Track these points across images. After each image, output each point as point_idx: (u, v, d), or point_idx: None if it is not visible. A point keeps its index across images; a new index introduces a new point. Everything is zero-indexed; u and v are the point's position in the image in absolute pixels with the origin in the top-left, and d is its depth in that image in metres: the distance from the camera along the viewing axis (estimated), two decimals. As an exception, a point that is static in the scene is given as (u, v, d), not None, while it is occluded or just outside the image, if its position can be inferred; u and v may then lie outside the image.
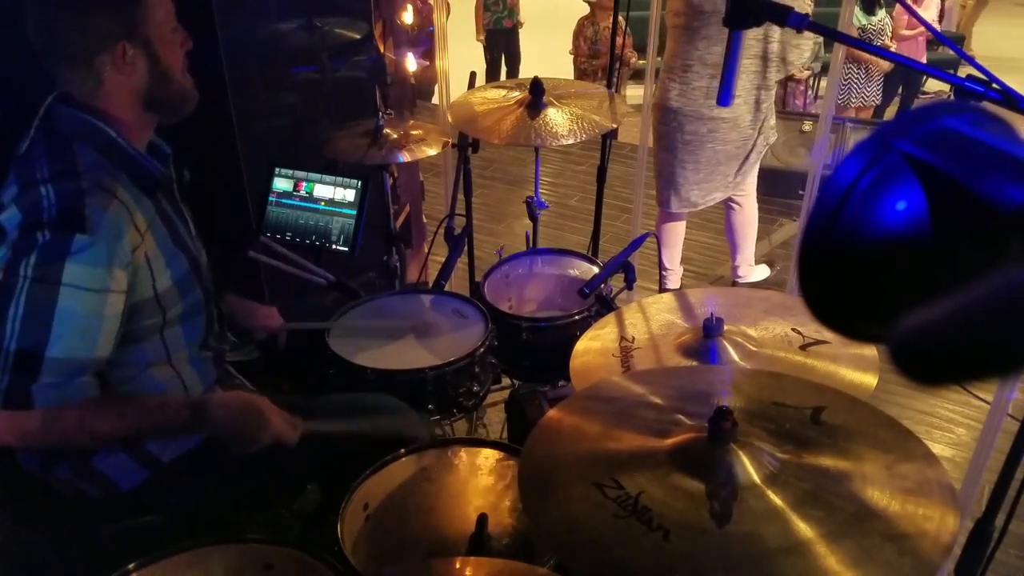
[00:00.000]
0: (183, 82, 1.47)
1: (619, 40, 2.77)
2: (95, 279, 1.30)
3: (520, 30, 7.38)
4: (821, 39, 6.05)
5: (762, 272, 3.99)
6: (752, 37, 3.11)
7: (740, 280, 3.94)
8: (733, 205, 3.63)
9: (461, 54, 6.49)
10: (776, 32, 3.15)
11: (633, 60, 6.44)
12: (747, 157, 3.44)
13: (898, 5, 6.14)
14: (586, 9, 6.36)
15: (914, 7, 6.26)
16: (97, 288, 1.30)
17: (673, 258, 3.81)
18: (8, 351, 1.25)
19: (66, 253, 1.27)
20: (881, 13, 6.11)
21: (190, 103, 1.51)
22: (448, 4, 6.63)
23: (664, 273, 3.85)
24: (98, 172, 1.37)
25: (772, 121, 3.44)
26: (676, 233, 3.75)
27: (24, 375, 1.26)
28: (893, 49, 6.42)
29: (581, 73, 6.45)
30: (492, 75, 7.25)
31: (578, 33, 6.40)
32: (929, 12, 6.44)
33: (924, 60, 6.52)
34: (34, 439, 1.31)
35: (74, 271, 1.27)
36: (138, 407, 1.40)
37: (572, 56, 6.56)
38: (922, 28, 6.33)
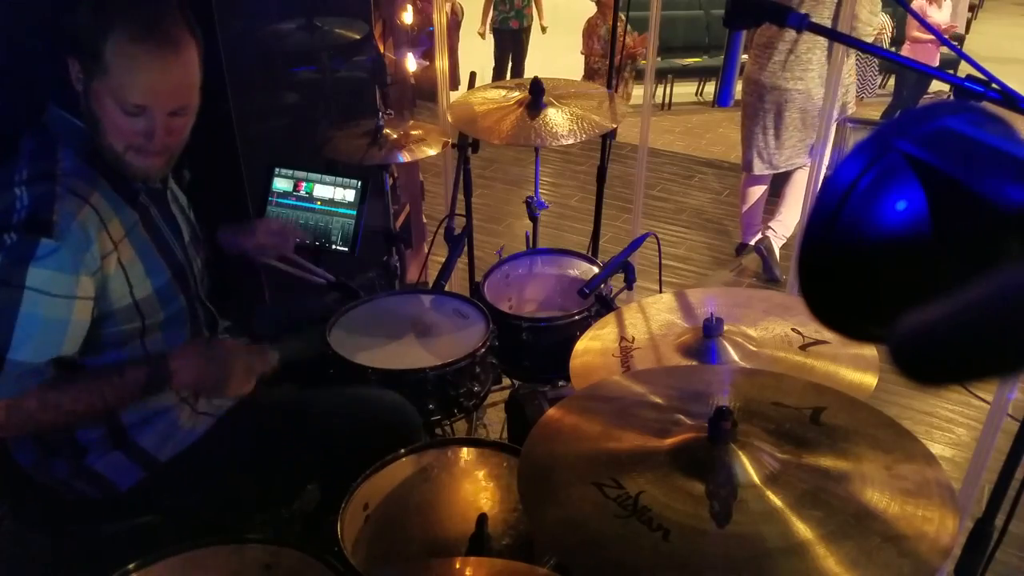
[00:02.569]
0: (119, 152, 1.38)
1: (629, 40, 2.81)
2: (60, 285, 1.30)
3: (544, 32, 7.37)
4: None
5: (779, 234, 4.15)
6: (827, 17, 3.48)
7: (770, 234, 4.10)
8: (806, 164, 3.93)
9: (469, 52, 6.51)
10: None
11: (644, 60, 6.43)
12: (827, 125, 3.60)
13: (912, 4, 6.16)
14: (591, 9, 6.34)
15: (929, 7, 6.27)
16: (62, 294, 1.30)
17: (754, 214, 4.25)
18: None
19: (30, 257, 1.27)
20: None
21: (131, 175, 1.42)
22: (462, 8, 6.64)
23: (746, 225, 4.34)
24: (74, 177, 1.36)
25: (849, 98, 3.84)
26: (755, 194, 4.17)
27: None
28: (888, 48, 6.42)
29: (593, 72, 6.40)
30: (498, 74, 7.26)
31: (590, 33, 6.36)
32: (942, 14, 6.43)
33: (936, 64, 6.53)
34: (3, 429, 1.32)
35: (38, 276, 1.27)
36: (93, 375, 1.39)
37: (584, 56, 6.54)
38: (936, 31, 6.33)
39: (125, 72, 1.32)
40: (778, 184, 4.20)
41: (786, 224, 4.13)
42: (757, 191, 4.18)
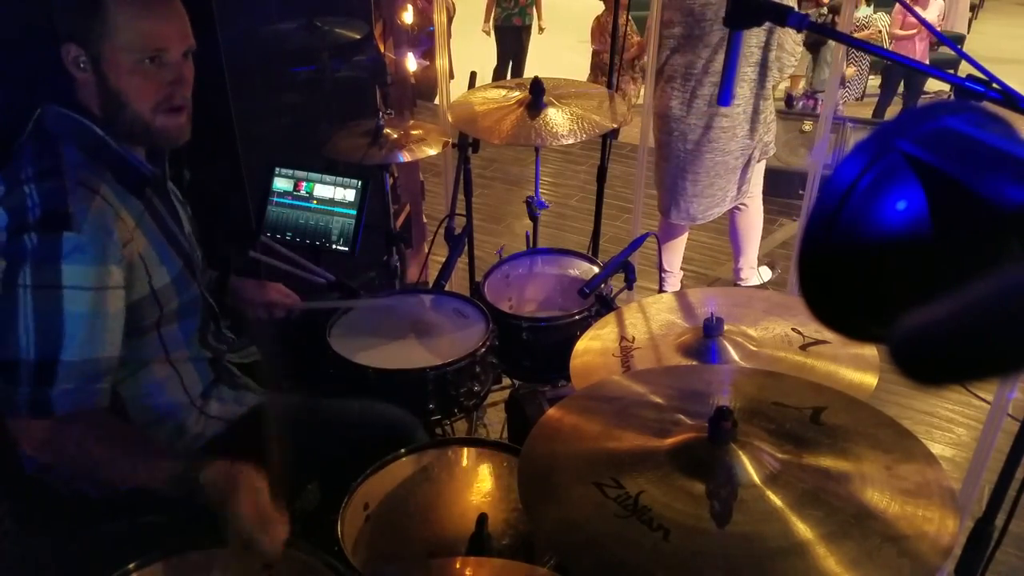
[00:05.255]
0: (148, 118, 1.39)
1: (636, 39, 2.77)
2: (93, 277, 1.30)
3: (541, 33, 7.37)
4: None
5: (764, 274, 3.98)
6: (754, 45, 3.11)
7: (742, 283, 3.94)
8: (739, 207, 3.60)
9: (466, 52, 6.51)
10: (776, 39, 3.14)
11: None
12: (744, 171, 3.40)
13: (896, 4, 6.17)
14: (592, 9, 6.37)
15: (915, 7, 6.29)
16: (97, 286, 1.30)
17: (673, 262, 3.81)
18: (26, 362, 1.26)
19: (59, 255, 1.27)
20: (865, 9, 6.20)
21: (161, 140, 1.44)
22: (454, 4, 6.65)
23: (663, 275, 3.84)
24: (81, 170, 1.36)
25: (769, 138, 3.40)
26: (677, 239, 3.74)
27: (43, 383, 1.26)
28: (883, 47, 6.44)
29: (605, 67, 6.45)
30: (499, 74, 7.25)
31: (601, 30, 6.40)
32: (931, 13, 6.46)
33: (927, 61, 6.54)
34: (40, 450, 1.32)
35: (71, 272, 1.27)
36: (139, 436, 1.39)
37: (593, 52, 6.57)
38: (918, 28, 6.35)
39: (135, 21, 1.34)
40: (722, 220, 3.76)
41: (751, 263, 3.83)
42: (679, 242, 3.74)
